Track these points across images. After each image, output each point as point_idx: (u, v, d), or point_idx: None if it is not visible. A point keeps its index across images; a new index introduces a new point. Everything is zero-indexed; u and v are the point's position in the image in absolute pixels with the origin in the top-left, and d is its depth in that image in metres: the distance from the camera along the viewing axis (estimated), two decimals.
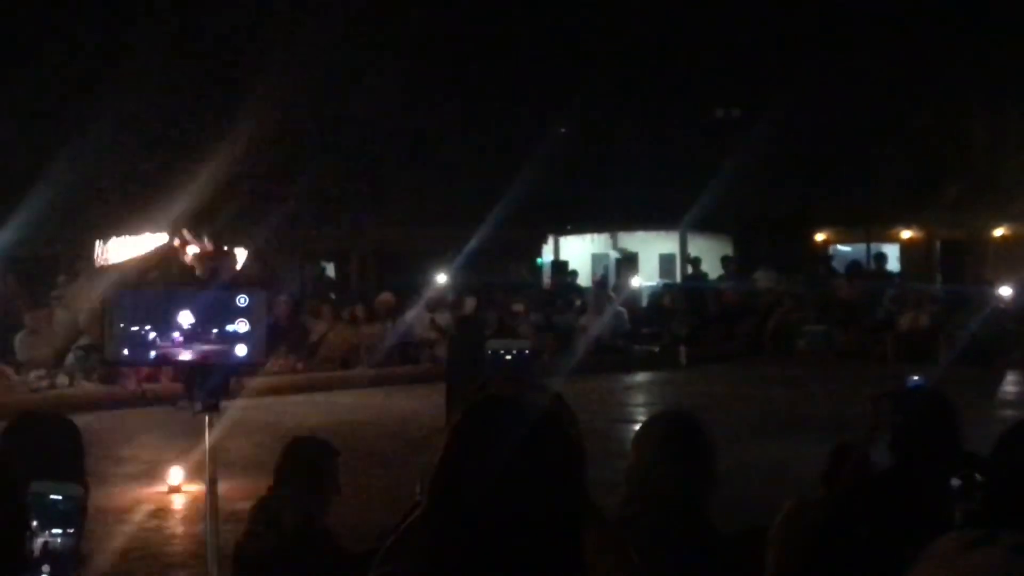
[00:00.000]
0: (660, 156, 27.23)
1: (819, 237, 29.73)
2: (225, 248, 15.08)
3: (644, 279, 27.68)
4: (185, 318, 4.31)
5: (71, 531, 2.25)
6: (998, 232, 27.60)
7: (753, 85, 27.03)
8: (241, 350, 4.33)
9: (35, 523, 2.24)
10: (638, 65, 26.91)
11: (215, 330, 4.29)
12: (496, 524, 2.08)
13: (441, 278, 22.54)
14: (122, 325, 4.35)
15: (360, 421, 14.00)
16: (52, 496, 2.25)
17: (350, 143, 21.58)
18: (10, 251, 19.92)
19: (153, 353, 4.37)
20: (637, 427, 3.83)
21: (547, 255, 29.90)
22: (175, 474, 10.57)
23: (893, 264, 27.94)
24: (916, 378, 4.91)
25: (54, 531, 2.24)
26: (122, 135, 19.41)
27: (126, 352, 4.45)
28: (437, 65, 23.17)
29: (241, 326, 4.29)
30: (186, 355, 4.33)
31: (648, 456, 3.44)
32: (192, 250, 14.76)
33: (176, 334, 4.31)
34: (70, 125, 19.14)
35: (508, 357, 2.86)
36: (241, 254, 19.95)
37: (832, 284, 25.25)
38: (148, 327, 4.31)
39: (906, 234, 28.78)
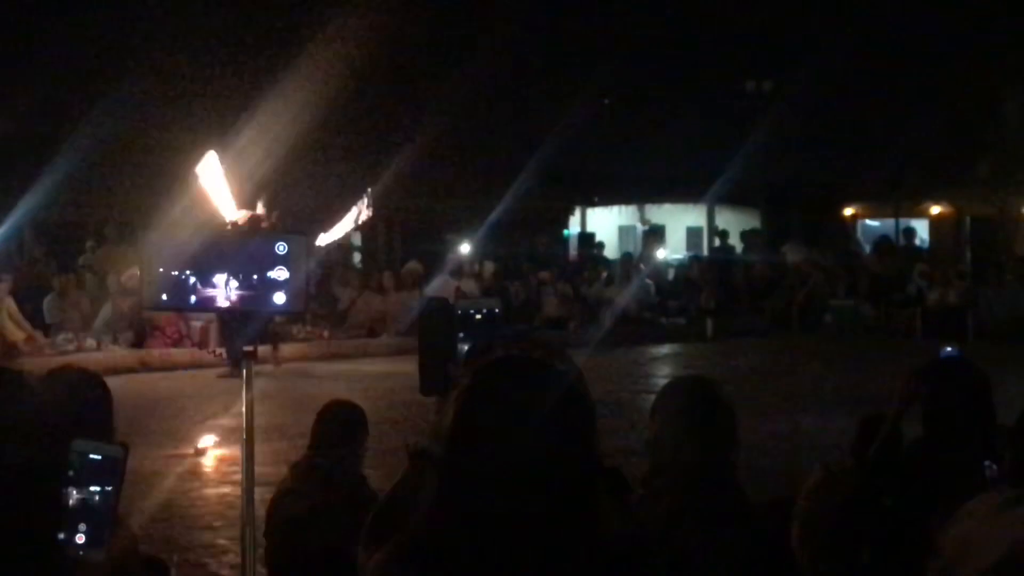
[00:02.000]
0: (689, 128, 27.10)
1: (848, 212, 29.55)
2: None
3: (671, 252, 27.60)
4: (224, 265, 4.28)
5: (109, 490, 2.25)
6: None
7: (784, 58, 26.83)
8: (280, 298, 4.30)
9: (74, 481, 2.24)
10: (668, 37, 26.74)
11: (254, 277, 4.26)
12: (514, 485, 2.05)
13: (466, 248, 22.53)
14: (161, 270, 4.33)
15: (386, 388, 14.02)
16: (93, 456, 2.25)
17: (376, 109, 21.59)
18: (38, 216, 20.02)
19: (193, 299, 4.34)
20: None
21: (574, 227, 29.85)
22: (203, 438, 10.63)
23: (922, 240, 27.76)
24: (949, 349, 4.85)
25: (92, 489, 2.24)
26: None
27: (164, 297, 4.43)
28: (465, 35, 23.11)
29: (280, 273, 4.26)
30: (225, 302, 4.30)
31: (669, 428, 3.41)
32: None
33: (216, 280, 4.29)
34: (96, 90, 19.21)
35: (478, 317, 2.85)
36: None
37: (861, 258, 25.11)
38: (187, 273, 4.29)
39: (936, 210, 28.57)
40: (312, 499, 5.36)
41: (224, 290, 4.30)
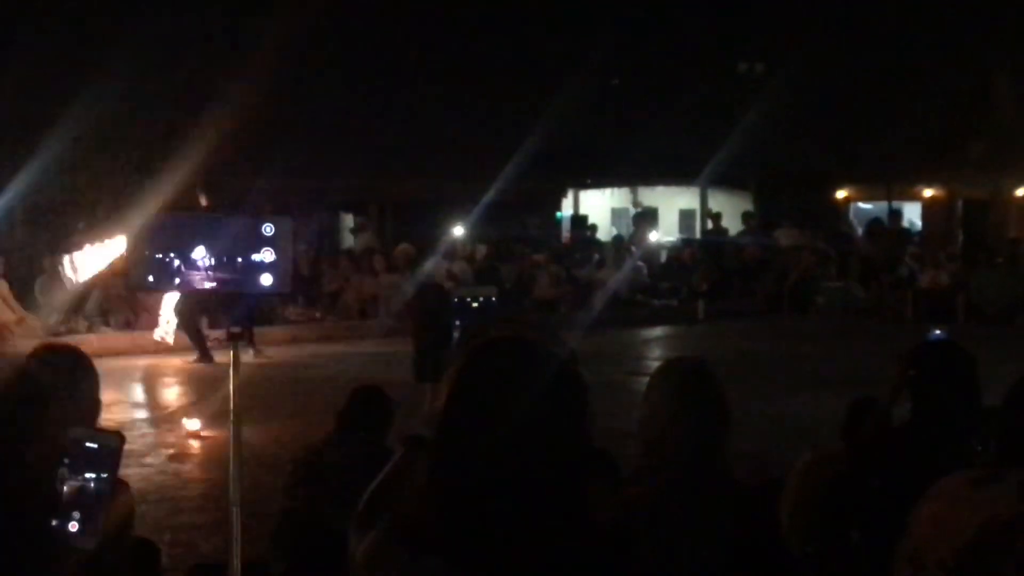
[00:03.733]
0: (682, 110, 27.05)
1: (840, 194, 29.55)
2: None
3: (663, 234, 27.59)
4: (211, 246, 4.28)
5: (104, 478, 2.24)
6: (1021, 192, 27.40)
7: (777, 39, 26.80)
8: (267, 279, 4.29)
9: (69, 467, 2.23)
10: (661, 18, 26.69)
11: (240, 259, 4.26)
12: (506, 464, 2.06)
13: (458, 230, 22.51)
14: (147, 252, 4.32)
15: (378, 371, 14.02)
16: (89, 444, 2.25)
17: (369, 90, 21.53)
18: (29, 198, 19.94)
19: (178, 280, 4.34)
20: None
21: (566, 209, 29.83)
22: (194, 420, 10.62)
23: (913, 223, 27.79)
24: (937, 332, 4.87)
25: (87, 475, 2.23)
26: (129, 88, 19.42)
27: (151, 279, 4.42)
28: (459, 15, 23.06)
29: (267, 255, 4.26)
30: (211, 284, 4.30)
31: (662, 407, 3.42)
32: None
33: (201, 262, 4.28)
34: (87, 71, 19.12)
35: (475, 304, 2.84)
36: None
37: (853, 241, 25.14)
38: (173, 254, 4.28)
39: (928, 192, 28.59)
40: (353, 477, 5.38)
41: (210, 272, 4.29)
